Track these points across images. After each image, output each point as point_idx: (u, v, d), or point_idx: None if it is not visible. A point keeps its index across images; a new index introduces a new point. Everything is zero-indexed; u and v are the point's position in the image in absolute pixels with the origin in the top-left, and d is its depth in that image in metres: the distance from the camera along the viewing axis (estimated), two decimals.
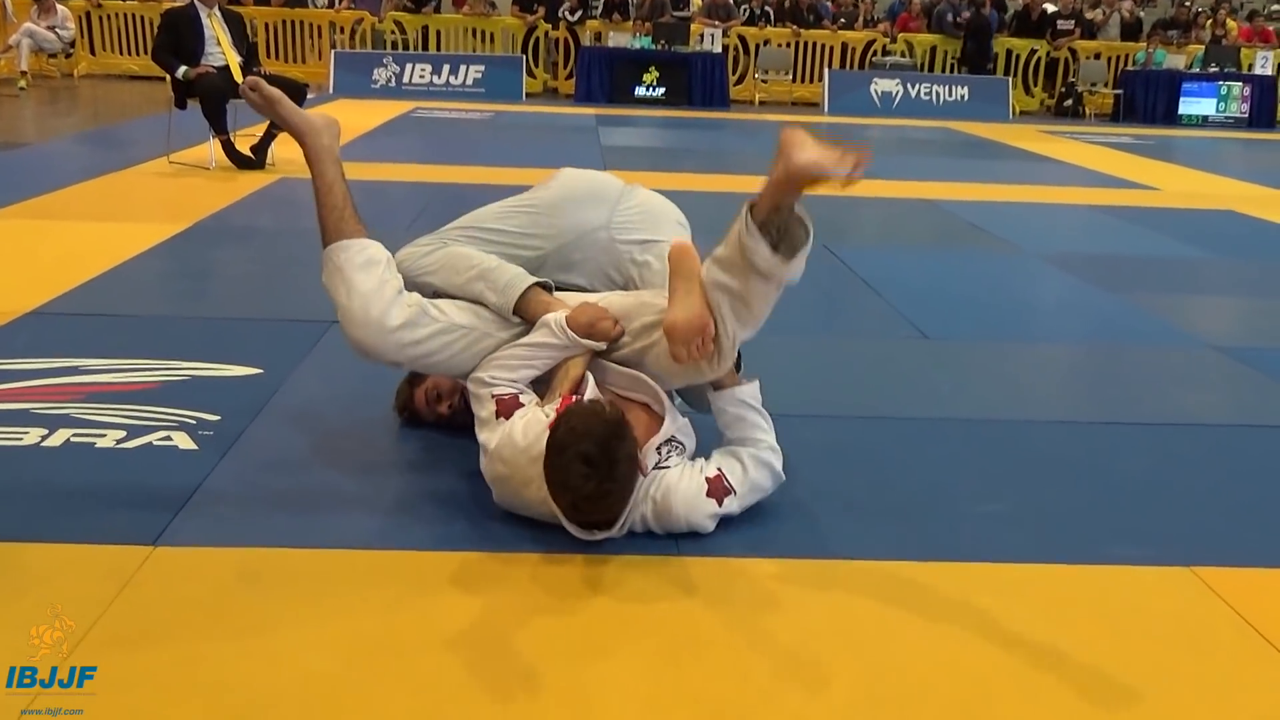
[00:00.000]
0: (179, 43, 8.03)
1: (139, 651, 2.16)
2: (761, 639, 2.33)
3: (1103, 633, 2.41)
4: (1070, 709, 2.13)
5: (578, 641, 2.29)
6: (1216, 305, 5.76)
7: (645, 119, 14.30)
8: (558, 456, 2.51)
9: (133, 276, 5.10)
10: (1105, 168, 10.92)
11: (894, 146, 12.74)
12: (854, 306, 5.17)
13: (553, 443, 2.53)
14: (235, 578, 2.47)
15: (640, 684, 2.15)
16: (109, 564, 2.47)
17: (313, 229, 3.10)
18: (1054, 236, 7.29)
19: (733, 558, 2.63)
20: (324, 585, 2.46)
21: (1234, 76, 17.20)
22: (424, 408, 3.34)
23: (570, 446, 2.49)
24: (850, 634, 2.37)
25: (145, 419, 3.31)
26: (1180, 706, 2.16)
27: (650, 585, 2.52)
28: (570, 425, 2.52)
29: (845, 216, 8.00)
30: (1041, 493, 3.14)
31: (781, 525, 2.80)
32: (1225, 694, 2.21)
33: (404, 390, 3.40)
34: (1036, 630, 2.40)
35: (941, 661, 2.27)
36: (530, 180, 3.42)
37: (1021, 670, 2.25)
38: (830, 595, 2.52)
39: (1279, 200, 9.20)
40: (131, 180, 7.78)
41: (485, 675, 2.15)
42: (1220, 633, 2.43)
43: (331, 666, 2.15)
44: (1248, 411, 3.98)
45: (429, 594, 2.44)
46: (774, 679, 2.18)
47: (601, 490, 2.52)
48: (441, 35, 17.13)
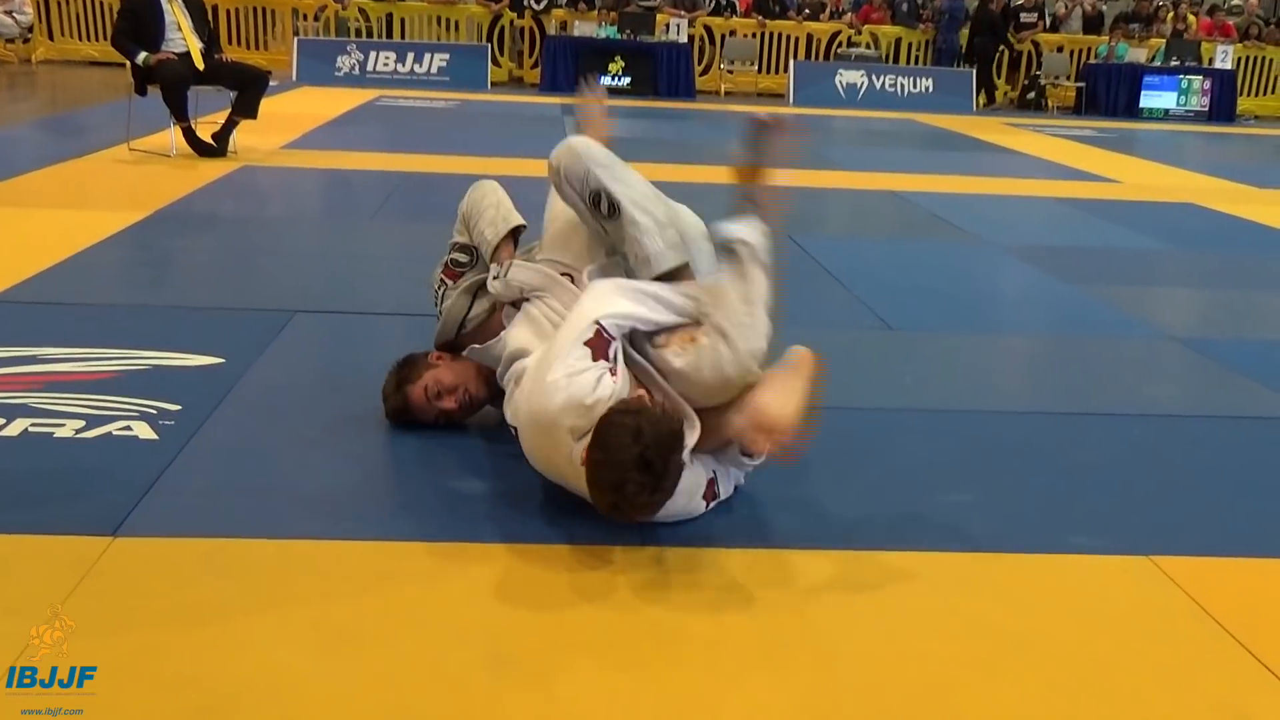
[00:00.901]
0: (139, 28, 7.92)
1: (100, 643, 2.14)
2: (727, 629, 2.34)
3: (1064, 621, 2.44)
4: (1031, 696, 2.15)
5: (544, 632, 2.29)
6: (1176, 297, 5.82)
7: (611, 108, 14.26)
8: (615, 454, 2.39)
9: (92, 264, 5.05)
10: (1067, 160, 11.01)
11: (859, 138, 12.80)
12: (818, 297, 5.18)
13: (611, 440, 2.40)
14: (197, 568, 2.45)
15: (607, 674, 2.15)
16: (68, 555, 2.45)
17: (274, 217, 3.07)
18: (1016, 228, 7.34)
19: (698, 548, 2.64)
20: (286, 576, 2.44)
21: (1194, 70, 17.38)
22: (424, 405, 3.15)
23: (629, 449, 2.37)
24: (814, 623, 2.38)
25: (105, 408, 3.28)
26: (1139, 693, 2.18)
27: (617, 576, 2.52)
28: (637, 427, 2.39)
29: (810, 207, 8.03)
30: (1003, 482, 3.16)
31: (745, 515, 2.81)
32: (1183, 680, 2.23)
33: (394, 394, 3.19)
34: (999, 618, 2.42)
35: (905, 650, 2.29)
36: (495, 170, 3.41)
37: (984, 658, 2.27)
38: (794, 585, 2.53)
39: (1238, 193, 9.31)
40: (91, 167, 7.69)
41: (451, 667, 2.15)
42: (1178, 620, 2.46)
43: (296, 658, 2.14)
44: (1205, 402, 4.03)
45: (393, 585, 2.43)
46: (739, 668, 2.19)
47: (651, 501, 2.46)
48: (406, 23, 17.02)
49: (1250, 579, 2.68)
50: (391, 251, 5.52)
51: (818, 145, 11.75)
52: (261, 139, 8.47)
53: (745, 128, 3.03)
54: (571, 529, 2.68)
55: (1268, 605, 2.56)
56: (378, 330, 4.23)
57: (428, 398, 3.14)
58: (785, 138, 2.94)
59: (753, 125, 3.02)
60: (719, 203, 3.06)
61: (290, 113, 11.03)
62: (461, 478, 2.97)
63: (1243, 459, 3.44)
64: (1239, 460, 3.43)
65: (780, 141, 2.99)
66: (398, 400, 3.18)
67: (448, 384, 3.14)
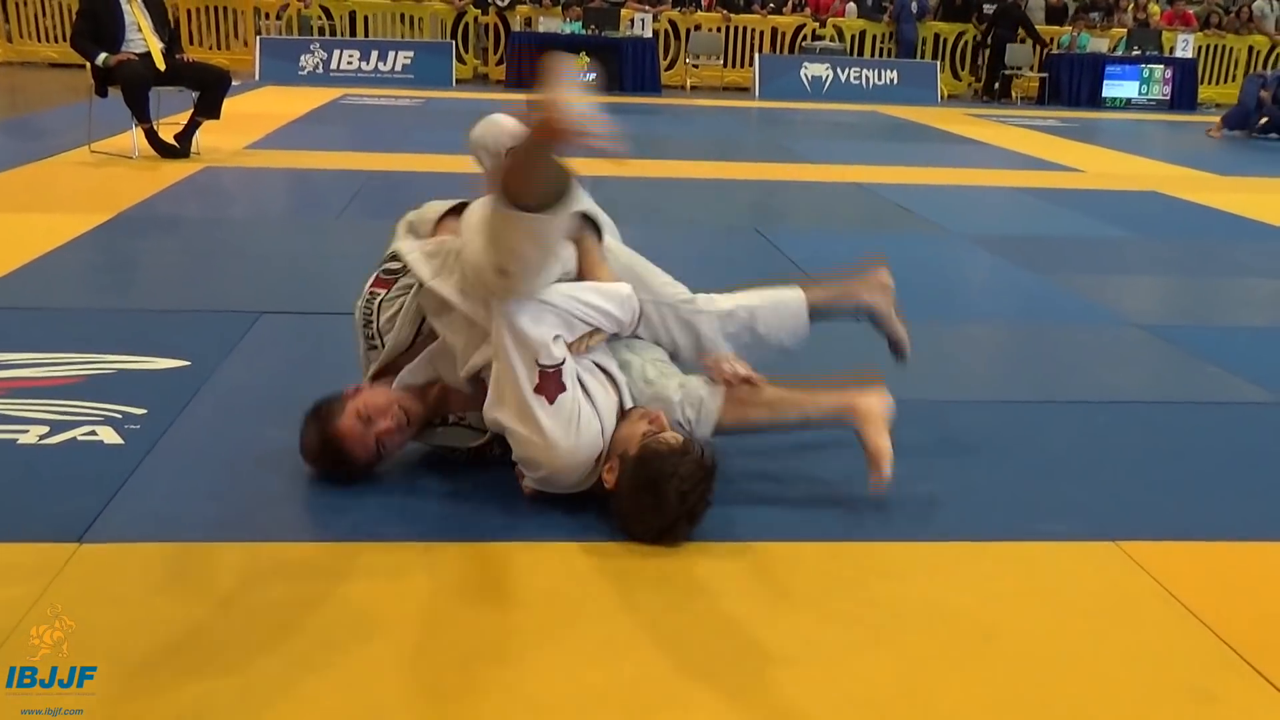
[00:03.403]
0: (98, 29, 7.85)
1: (68, 649, 2.12)
2: (697, 623, 2.34)
3: (1033, 607, 2.45)
4: (1001, 682, 2.17)
5: (509, 631, 2.28)
6: (1140, 284, 5.87)
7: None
8: (665, 504, 2.56)
9: (55, 268, 5.00)
10: (1031, 150, 11.08)
11: (824, 130, 12.82)
12: None
13: (664, 490, 2.55)
14: (164, 573, 2.44)
15: (577, 671, 2.15)
16: (33, 562, 2.42)
17: (239, 218, 3.04)
18: (982, 218, 7.38)
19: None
20: (253, 579, 2.43)
21: (1156, 60, 17.54)
22: (358, 433, 2.81)
23: (677, 504, 2.56)
24: (783, 615, 2.38)
25: (69, 414, 3.24)
26: (1108, 676, 2.20)
27: (578, 574, 2.52)
28: (683, 474, 2.55)
29: (776, 200, 8.06)
30: (971, 471, 3.18)
31: (716, 508, 2.81)
32: (1151, 663, 2.25)
33: (319, 438, 2.84)
34: (968, 606, 2.43)
35: (875, 640, 2.30)
36: (461, 168, 3.39)
37: (954, 645, 2.28)
38: (762, 578, 2.53)
39: (1200, 181, 9.40)
40: (52, 170, 7.61)
41: (418, 667, 2.14)
42: (1145, 604, 2.48)
43: (264, 663, 2.13)
44: (1170, 388, 4.07)
45: (361, 586, 2.42)
46: (710, 663, 2.19)
47: (684, 534, 2.62)
48: (370, 21, 16.94)
49: (1215, 562, 2.70)
50: (358, 251, 5.46)
51: (783, 138, 11.78)
52: (225, 139, 8.40)
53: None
54: (537, 527, 2.68)
55: (1232, 588, 2.58)
56: (345, 331, 4.16)
57: (361, 423, 2.81)
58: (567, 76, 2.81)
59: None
60: (684, 196, 3.05)
61: (253, 112, 10.96)
62: (427, 477, 2.96)
63: (1207, 444, 3.48)
64: (1203, 445, 3.46)
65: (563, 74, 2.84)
66: (327, 438, 2.82)
67: (379, 404, 2.83)
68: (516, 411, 2.64)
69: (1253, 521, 2.92)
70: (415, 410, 2.92)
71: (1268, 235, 7.13)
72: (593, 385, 2.72)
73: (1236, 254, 6.53)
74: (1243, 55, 18.70)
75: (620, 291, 2.84)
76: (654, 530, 2.61)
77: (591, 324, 2.75)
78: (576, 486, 2.72)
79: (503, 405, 2.67)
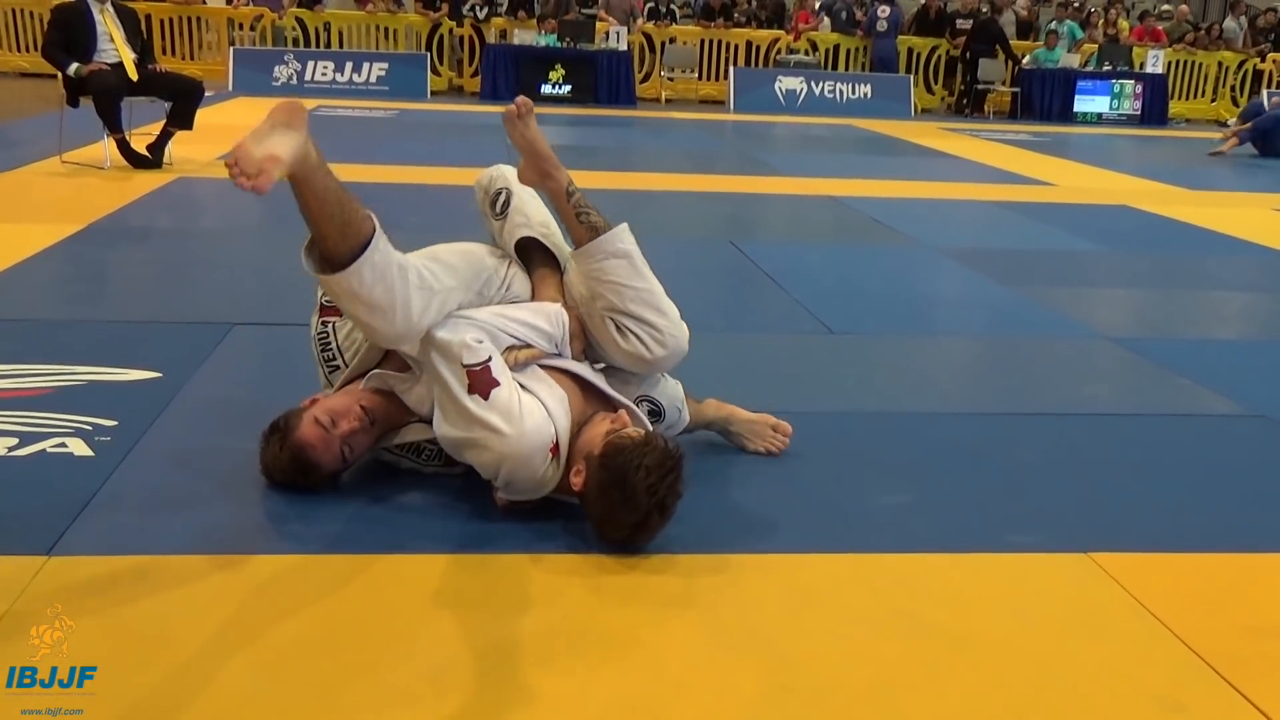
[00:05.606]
0: (70, 39, 7.81)
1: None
2: (671, 634, 2.34)
3: (1004, 618, 2.46)
4: (974, 693, 2.17)
5: (487, 641, 2.28)
6: (1110, 297, 5.91)
7: (552, 117, 14.23)
8: (633, 497, 2.54)
9: (25, 279, 4.96)
10: (1003, 164, 11.16)
11: (798, 144, 12.88)
12: (759, 302, 5.21)
13: (631, 483, 2.53)
14: (134, 586, 2.41)
15: (551, 680, 2.14)
16: (1, 575, 2.40)
17: (211, 229, 3.03)
18: (954, 232, 7.42)
19: (641, 556, 2.64)
20: (225, 592, 2.41)
21: (1126, 75, 17.71)
22: (321, 437, 2.77)
23: (646, 497, 2.54)
24: (759, 627, 2.38)
25: (38, 426, 3.22)
26: (1079, 687, 2.21)
27: (559, 583, 2.52)
28: (649, 466, 2.54)
29: (750, 212, 8.09)
30: (942, 483, 3.19)
31: (688, 522, 2.80)
32: (1121, 673, 2.27)
33: (275, 449, 2.82)
34: (940, 617, 2.44)
35: (850, 651, 2.30)
36: (436, 179, 3.39)
37: (926, 657, 2.29)
38: (738, 589, 2.54)
39: (1171, 195, 9.48)
40: (23, 180, 7.56)
41: (394, 679, 2.13)
42: (1116, 615, 2.50)
43: (237, 675, 2.11)
44: (1140, 400, 4.10)
45: (333, 598, 2.41)
46: (685, 674, 2.19)
47: (658, 528, 2.62)
48: (344, 33, 16.91)
49: (1185, 573, 2.72)
50: None
51: (757, 151, 11.82)
52: (197, 150, 8.35)
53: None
54: (510, 538, 2.67)
55: (1202, 599, 2.60)
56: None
57: (322, 428, 2.77)
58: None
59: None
60: (659, 208, 3.06)
61: (227, 123, 10.89)
62: (399, 489, 2.94)
63: (1177, 456, 3.50)
64: (1173, 457, 3.49)
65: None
66: (292, 449, 2.78)
67: (338, 408, 2.81)
68: (459, 417, 2.66)
69: (1222, 533, 2.95)
70: (379, 408, 2.89)
71: (1237, 249, 7.21)
72: (534, 385, 2.73)
73: (1206, 267, 6.60)
74: (1213, 71, 18.91)
75: (548, 309, 2.90)
76: (627, 527, 2.59)
77: (519, 338, 2.80)
78: (541, 487, 2.71)
79: (446, 418, 2.70)
